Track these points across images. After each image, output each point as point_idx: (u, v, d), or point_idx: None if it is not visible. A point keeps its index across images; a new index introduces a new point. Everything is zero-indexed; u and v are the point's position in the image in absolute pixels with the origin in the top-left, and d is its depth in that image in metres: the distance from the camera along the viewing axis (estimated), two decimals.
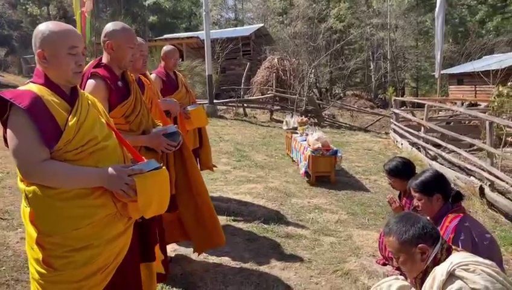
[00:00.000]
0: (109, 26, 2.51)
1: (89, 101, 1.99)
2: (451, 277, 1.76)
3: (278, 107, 15.21)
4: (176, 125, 2.78)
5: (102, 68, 2.46)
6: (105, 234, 1.85)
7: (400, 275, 3.42)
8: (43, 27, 1.85)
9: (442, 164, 7.74)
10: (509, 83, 8.04)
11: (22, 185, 1.83)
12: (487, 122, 5.71)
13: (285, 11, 38.21)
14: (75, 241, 1.79)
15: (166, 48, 4.57)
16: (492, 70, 14.70)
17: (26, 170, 1.73)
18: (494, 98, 7.46)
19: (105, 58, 2.54)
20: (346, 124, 15.62)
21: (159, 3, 40.68)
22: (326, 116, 15.39)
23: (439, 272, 1.79)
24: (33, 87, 1.82)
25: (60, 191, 1.77)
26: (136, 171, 1.84)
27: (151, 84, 3.37)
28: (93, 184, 1.81)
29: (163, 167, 1.94)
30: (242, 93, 16.30)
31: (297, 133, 8.06)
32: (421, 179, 2.61)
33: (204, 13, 13.21)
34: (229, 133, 11.20)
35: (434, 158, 8.28)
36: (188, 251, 3.67)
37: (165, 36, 29.69)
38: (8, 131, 1.74)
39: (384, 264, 3.67)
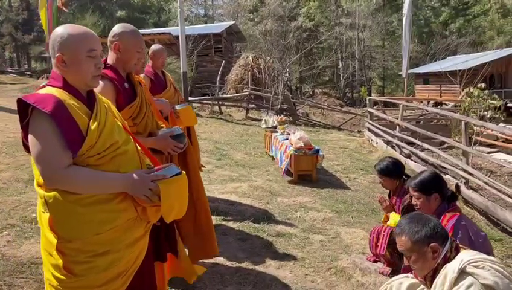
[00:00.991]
0: (118, 28, 2.48)
1: (105, 104, 1.97)
2: (462, 273, 1.86)
3: (253, 106, 15.27)
4: (180, 127, 2.78)
5: (109, 69, 2.44)
6: (126, 238, 1.85)
7: (392, 271, 3.57)
8: (61, 30, 1.82)
9: (416, 162, 8.02)
10: (480, 85, 8.43)
11: (40, 190, 1.80)
12: (463, 123, 5.97)
13: (256, 8, 38.26)
14: (96, 247, 1.77)
15: (155, 46, 4.52)
16: (459, 70, 15.24)
17: (49, 176, 1.70)
18: (465, 98, 7.77)
19: (110, 59, 2.50)
20: (320, 122, 15.86)
21: None
22: (301, 115, 15.58)
23: (450, 269, 1.88)
24: (53, 91, 1.78)
25: (82, 196, 1.75)
26: (160, 176, 1.84)
27: (146, 85, 3.34)
28: (116, 190, 1.81)
29: (184, 172, 1.95)
30: (217, 90, 16.25)
31: (277, 132, 8.14)
32: (420, 179, 2.72)
33: (179, 10, 13.08)
34: (206, 132, 11.16)
35: (408, 156, 8.56)
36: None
37: None
38: (30, 136, 1.70)
39: (375, 261, 3.79)
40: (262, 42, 28.60)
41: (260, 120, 14.38)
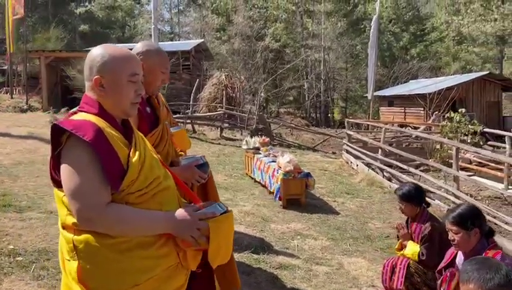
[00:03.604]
0: (142, 46, 2.22)
1: (141, 136, 1.72)
2: None
3: (228, 125, 15.05)
4: (203, 156, 2.52)
5: None
6: (166, 288, 1.58)
7: None
8: (101, 51, 1.62)
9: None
10: (460, 110, 8.63)
11: (67, 234, 1.52)
12: (454, 148, 5.99)
13: (223, 27, 38.44)
14: None
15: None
16: (429, 94, 15.72)
17: (89, 215, 1.44)
18: (446, 122, 7.91)
19: None
20: (295, 143, 15.81)
21: (91, 11, 38.99)
22: (275, 135, 15.49)
23: None
24: (90, 117, 1.54)
25: (121, 240, 1.49)
26: (209, 215, 1.59)
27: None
28: (160, 230, 1.55)
29: (231, 210, 1.70)
30: (191, 109, 15.93)
31: (260, 153, 7.94)
32: (459, 212, 2.57)
33: (153, 26, 12.82)
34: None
35: (389, 179, 8.57)
36: None
37: None
38: (65, 168, 1.47)
39: None
40: (229, 61, 28.64)
41: (235, 140, 14.18)
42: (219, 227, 1.60)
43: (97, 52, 1.62)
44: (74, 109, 1.67)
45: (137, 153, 1.56)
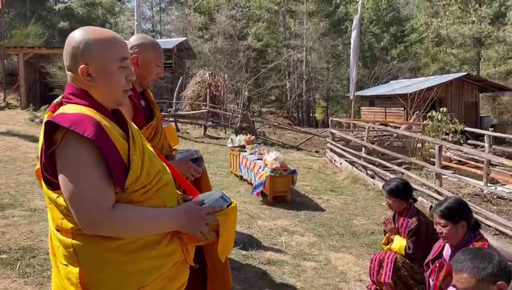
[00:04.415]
0: (137, 39, 2.19)
1: (135, 127, 1.61)
2: None
3: (212, 123, 14.99)
4: (197, 150, 2.51)
5: None
6: (172, 286, 1.52)
7: None
8: (83, 35, 1.43)
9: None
10: (442, 108, 8.80)
11: (65, 238, 1.39)
12: (436, 146, 6.12)
13: (206, 26, 38.25)
14: None
15: None
16: (410, 94, 15.98)
17: (95, 221, 1.31)
18: (428, 121, 8.05)
19: None
20: (278, 142, 15.85)
21: (71, 8, 38.28)
22: (258, 134, 15.50)
23: None
24: (83, 109, 1.38)
25: (125, 242, 1.39)
26: (217, 208, 1.54)
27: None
28: (169, 228, 1.47)
29: (235, 202, 1.69)
30: (174, 107, 15.80)
31: (245, 151, 7.95)
32: (447, 206, 2.62)
33: (136, 23, 12.66)
34: None
35: (372, 177, 8.68)
36: None
37: None
38: (65, 169, 1.31)
39: (376, 289, 3.67)
40: (212, 59, 28.54)
41: (218, 138, 14.15)
42: (227, 220, 1.54)
43: (79, 37, 1.42)
44: (58, 100, 1.52)
45: (136, 146, 1.45)
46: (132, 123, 1.62)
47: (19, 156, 7.90)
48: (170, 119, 14.21)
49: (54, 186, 1.37)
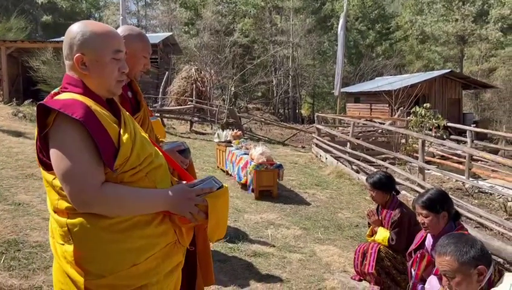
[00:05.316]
0: (124, 30, 2.19)
1: (128, 114, 1.69)
2: None
3: (198, 119, 14.96)
4: (184, 142, 2.52)
5: None
6: (166, 267, 1.58)
7: None
8: (81, 27, 1.53)
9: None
10: (425, 104, 8.93)
11: (60, 218, 1.47)
12: (420, 141, 6.23)
13: (192, 21, 38.02)
14: (133, 280, 1.48)
15: None
16: (394, 90, 16.17)
17: (85, 197, 1.39)
18: (411, 117, 8.18)
19: None
20: (265, 137, 15.90)
21: (54, 2, 37.67)
22: (245, 129, 15.53)
23: None
24: (76, 96, 1.47)
25: (116, 220, 1.45)
26: (206, 190, 1.58)
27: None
28: (158, 208, 1.53)
29: (226, 185, 1.72)
30: (159, 102, 15.71)
31: (231, 146, 7.97)
32: (428, 197, 2.69)
33: (121, 17, 12.54)
34: None
35: (357, 171, 8.79)
36: None
37: (63, 38, 27.54)
38: (56, 149, 1.40)
39: (360, 280, 3.74)
40: (198, 55, 28.41)
41: (205, 133, 14.14)
42: (217, 202, 1.59)
43: (77, 29, 1.53)
44: (56, 90, 1.60)
45: (127, 130, 1.52)
46: (125, 111, 1.68)
47: (2, 150, 7.79)
48: (156, 114, 14.16)
49: (48, 167, 1.45)
